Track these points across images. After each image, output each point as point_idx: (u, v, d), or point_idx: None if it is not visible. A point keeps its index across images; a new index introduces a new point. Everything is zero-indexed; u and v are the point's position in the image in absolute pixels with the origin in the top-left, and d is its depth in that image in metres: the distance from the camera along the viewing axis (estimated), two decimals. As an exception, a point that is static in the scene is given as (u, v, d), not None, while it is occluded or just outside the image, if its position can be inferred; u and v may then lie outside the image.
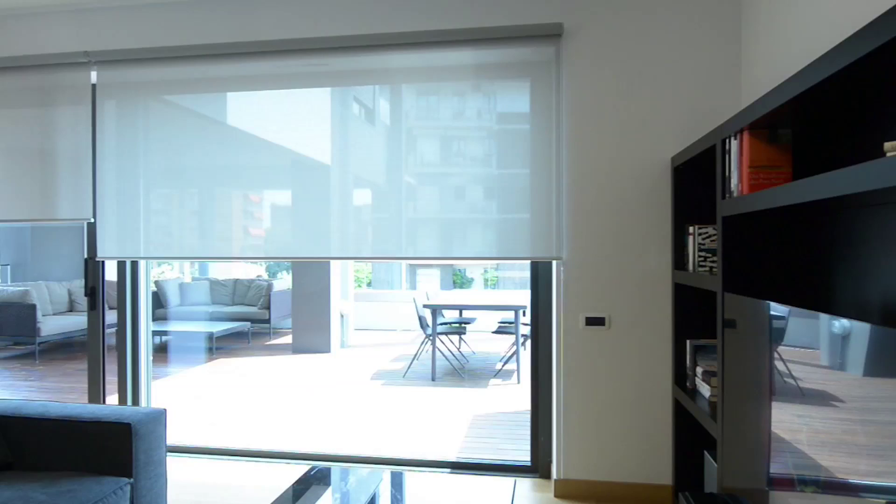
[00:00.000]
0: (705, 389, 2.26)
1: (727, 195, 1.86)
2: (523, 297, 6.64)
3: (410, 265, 11.58)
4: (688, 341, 2.46)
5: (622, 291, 2.77)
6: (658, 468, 2.75)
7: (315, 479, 3.00)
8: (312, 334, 7.53)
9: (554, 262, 2.89)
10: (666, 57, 2.71)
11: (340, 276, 8.01)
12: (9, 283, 8.41)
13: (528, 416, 3.08)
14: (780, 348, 1.46)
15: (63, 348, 7.61)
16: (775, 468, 1.48)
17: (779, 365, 1.46)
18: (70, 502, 1.74)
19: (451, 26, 2.82)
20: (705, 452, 2.31)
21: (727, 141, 1.85)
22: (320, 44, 2.89)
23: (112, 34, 3.11)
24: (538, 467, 3.02)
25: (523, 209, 2.83)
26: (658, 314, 2.74)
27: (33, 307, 6.91)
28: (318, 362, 6.98)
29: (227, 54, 2.98)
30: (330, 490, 2.92)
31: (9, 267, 9.15)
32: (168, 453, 3.30)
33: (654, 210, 2.73)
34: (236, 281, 9.12)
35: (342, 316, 7.94)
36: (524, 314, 5.95)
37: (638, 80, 2.73)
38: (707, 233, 2.25)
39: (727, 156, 1.85)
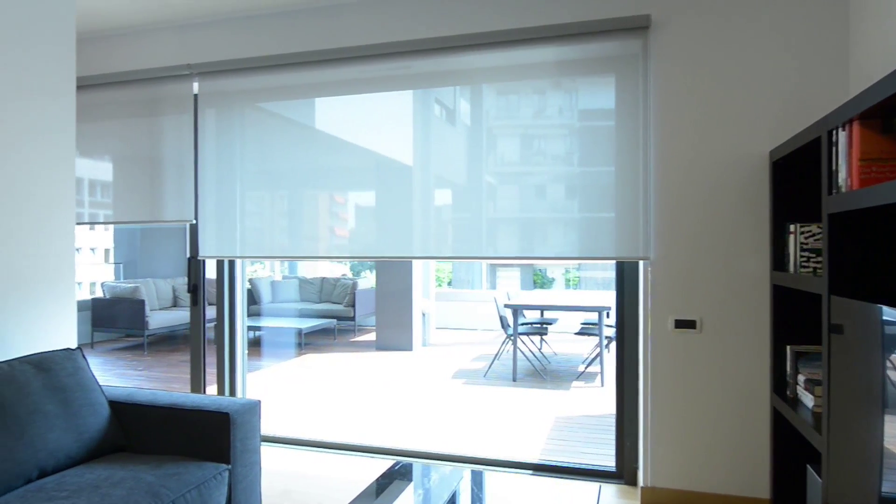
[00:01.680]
0: (808, 399, 2.11)
1: (834, 191, 1.73)
2: (606, 298, 6.47)
3: (491, 265, 11.57)
4: (788, 347, 2.31)
5: (715, 293, 2.63)
6: (754, 480, 2.60)
7: (398, 474, 3.07)
8: (395, 332, 7.69)
9: (641, 263, 2.79)
10: (763, 44, 2.55)
11: (422, 276, 8.14)
12: (121, 280, 9.16)
13: (613, 420, 3.00)
14: (894, 356, 1.34)
15: (168, 341, 8.19)
16: (888, 487, 1.36)
17: (892, 374, 1.34)
18: (176, 484, 1.87)
19: (532, 24, 2.79)
20: (808, 466, 2.15)
21: (834, 132, 1.72)
22: (403, 47, 2.95)
23: (211, 47, 3.31)
24: (623, 473, 2.94)
25: (607, 208, 2.76)
26: (755, 317, 2.59)
27: (142, 302, 7.49)
28: (401, 360, 7.12)
29: (316, 61, 3.10)
30: (412, 485, 2.98)
31: (121, 265, 9.97)
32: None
33: (750, 207, 2.58)
34: (323, 279, 9.47)
35: (424, 314, 8.05)
36: (608, 315, 5.80)
37: (732, 71, 2.59)
38: (810, 231, 2.10)
39: (834, 148, 1.72)
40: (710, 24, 2.61)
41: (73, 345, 2.55)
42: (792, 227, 2.18)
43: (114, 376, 6.21)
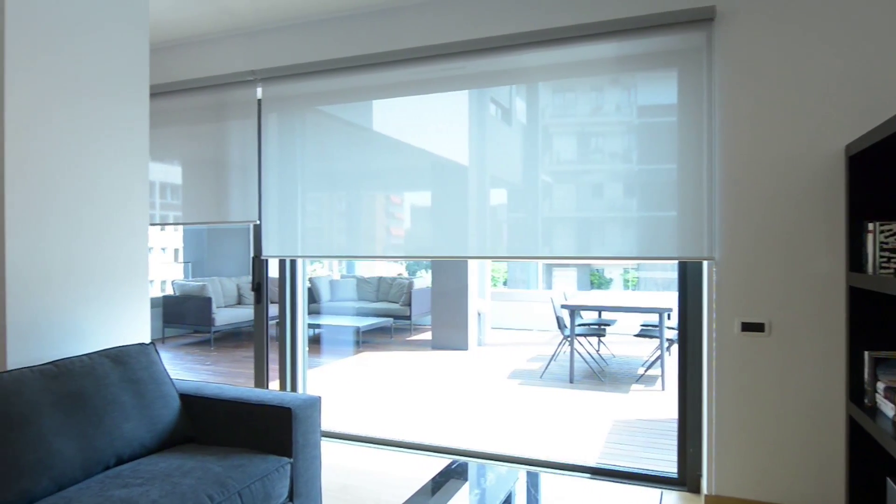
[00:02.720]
0: (888, 408, 1.98)
1: (918, 187, 1.62)
2: (667, 299, 6.29)
3: (546, 265, 11.44)
4: (865, 353, 2.17)
5: (785, 295, 2.52)
6: (827, 491, 2.47)
7: (454, 474, 3.08)
8: (451, 331, 7.72)
9: (705, 263, 2.70)
10: (838, 32, 2.42)
11: (478, 275, 8.13)
12: (190, 279, 9.57)
13: (675, 425, 2.91)
14: None
15: (232, 337, 8.50)
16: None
17: None
18: (241, 475, 1.94)
19: (591, 19, 2.74)
20: (888, 479, 2.03)
21: (918, 124, 1.61)
22: (459, 48, 2.96)
23: (274, 53, 3.42)
24: (686, 480, 2.84)
25: (669, 206, 2.68)
26: (828, 321, 2.46)
27: (209, 300, 7.81)
28: (456, 359, 7.14)
29: (373, 64, 3.15)
30: (467, 485, 2.98)
31: (190, 264, 10.42)
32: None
33: (823, 205, 2.45)
34: (380, 279, 9.61)
35: (479, 314, 8.05)
36: (669, 317, 5.64)
37: (804, 61, 2.47)
38: (891, 230, 1.98)
39: (918, 141, 1.61)
40: (780, 13, 2.49)
41: (147, 340, 2.68)
42: (871, 226, 2.06)
43: (183, 370, 6.50)
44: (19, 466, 1.71)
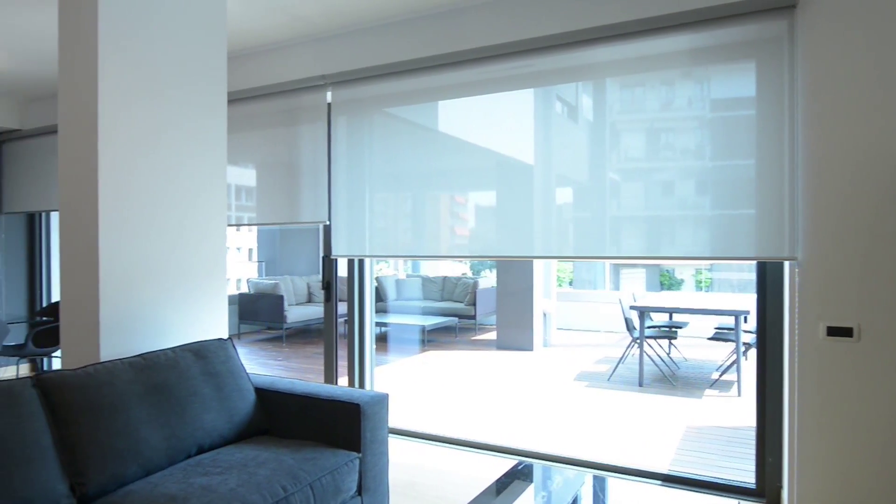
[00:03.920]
0: None
1: None
2: (743, 301, 6.01)
3: (614, 265, 11.17)
4: (970, 361, 2.00)
5: (875, 297, 2.35)
6: (926, 511, 2.29)
7: (519, 475, 3.06)
8: (516, 332, 7.67)
9: (786, 263, 2.56)
10: (938, 15, 2.23)
11: (543, 275, 8.04)
12: (263, 277, 9.95)
13: (752, 433, 2.78)
14: None
15: (303, 334, 8.78)
16: None
17: None
18: (313, 468, 2.01)
19: (662, 12, 2.66)
20: None
21: None
22: (524, 46, 2.93)
23: (343, 57, 3.50)
24: (764, 491, 2.71)
25: (746, 204, 2.56)
26: (926, 326, 2.28)
27: (281, 298, 8.09)
28: (522, 360, 7.09)
29: (439, 65, 3.18)
30: (532, 487, 2.95)
31: (263, 263, 10.84)
32: (387, 434, 3.61)
33: (920, 201, 2.27)
34: (445, 278, 9.67)
35: (545, 314, 7.96)
36: (745, 320, 5.39)
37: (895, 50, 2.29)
38: None
39: None
40: (871, -3, 2.33)
41: (225, 335, 2.81)
42: (976, 224, 1.89)
43: (257, 365, 6.76)
44: (112, 452, 1.83)
